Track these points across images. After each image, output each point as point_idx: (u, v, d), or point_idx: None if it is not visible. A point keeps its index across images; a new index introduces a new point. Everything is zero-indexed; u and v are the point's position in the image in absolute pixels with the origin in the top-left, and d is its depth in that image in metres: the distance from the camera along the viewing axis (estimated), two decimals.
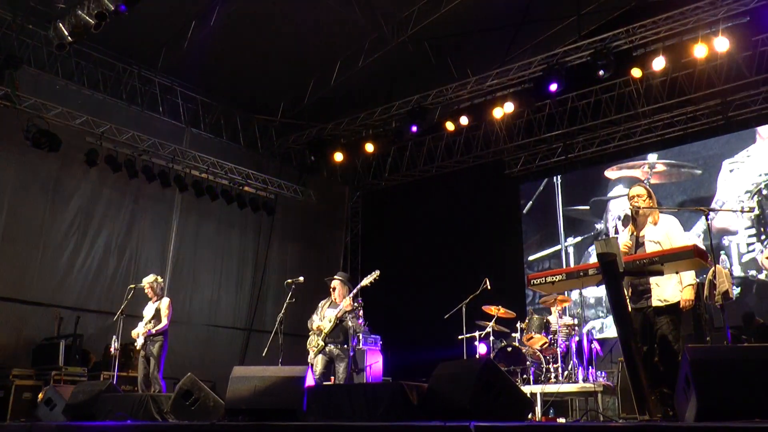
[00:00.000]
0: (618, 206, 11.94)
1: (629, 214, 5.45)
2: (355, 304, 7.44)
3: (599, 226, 12.08)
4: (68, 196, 10.71)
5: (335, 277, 7.86)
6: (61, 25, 8.97)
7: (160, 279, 8.42)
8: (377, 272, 7.48)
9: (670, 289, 5.24)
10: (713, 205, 10.80)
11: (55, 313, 9.95)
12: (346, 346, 7.41)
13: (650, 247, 5.30)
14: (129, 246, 11.38)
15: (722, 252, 10.51)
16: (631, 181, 11.97)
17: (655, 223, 5.45)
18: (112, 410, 6.37)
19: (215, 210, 12.49)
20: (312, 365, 7.39)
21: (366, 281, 7.48)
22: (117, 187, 11.24)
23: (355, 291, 7.48)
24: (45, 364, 9.27)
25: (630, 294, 5.29)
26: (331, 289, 7.75)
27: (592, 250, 11.80)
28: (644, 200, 5.49)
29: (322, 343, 7.43)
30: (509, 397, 4.53)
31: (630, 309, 5.13)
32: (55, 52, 9.87)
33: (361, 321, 7.53)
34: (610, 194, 12.17)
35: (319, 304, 7.82)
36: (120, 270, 11.16)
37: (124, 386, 8.59)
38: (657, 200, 5.72)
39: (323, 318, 7.55)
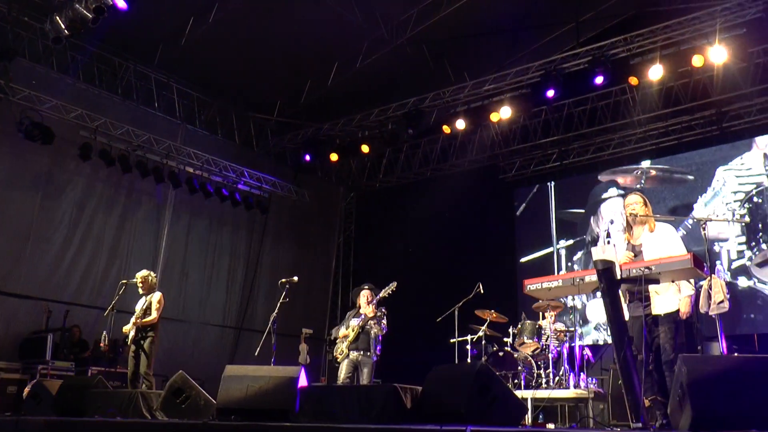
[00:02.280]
0: (608, 209, 11.98)
1: (628, 221, 5.44)
2: (379, 313, 7.79)
3: (595, 229, 12.10)
4: (60, 189, 10.64)
5: (364, 286, 8.12)
6: (58, 18, 8.84)
7: (153, 274, 8.34)
8: (395, 283, 7.82)
9: (669, 298, 5.23)
10: (701, 209, 10.88)
11: (44, 307, 9.87)
12: (369, 352, 7.70)
13: (647, 256, 5.28)
14: (121, 241, 11.33)
15: (717, 261, 10.55)
16: (623, 183, 12.06)
17: (652, 231, 5.44)
18: (101, 406, 6.31)
19: (208, 207, 12.46)
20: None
21: (384, 292, 7.81)
22: (110, 182, 11.20)
23: (376, 300, 7.80)
24: (32, 357, 9.19)
25: (628, 302, 5.28)
26: (359, 298, 8.00)
27: (581, 254, 11.92)
28: (640, 207, 5.49)
29: (346, 350, 7.77)
30: (505, 402, 4.51)
31: (628, 317, 5.13)
32: (50, 45, 9.78)
33: (384, 327, 7.83)
34: (604, 195, 12.20)
35: (346, 315, 8.23)
36: (111, 265, 11.10)
37: (112, 382, 8.51)
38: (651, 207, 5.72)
39: (348, 326, 7.89)
